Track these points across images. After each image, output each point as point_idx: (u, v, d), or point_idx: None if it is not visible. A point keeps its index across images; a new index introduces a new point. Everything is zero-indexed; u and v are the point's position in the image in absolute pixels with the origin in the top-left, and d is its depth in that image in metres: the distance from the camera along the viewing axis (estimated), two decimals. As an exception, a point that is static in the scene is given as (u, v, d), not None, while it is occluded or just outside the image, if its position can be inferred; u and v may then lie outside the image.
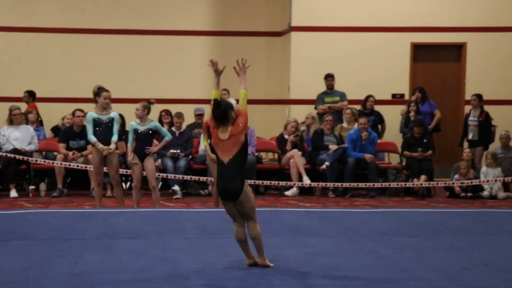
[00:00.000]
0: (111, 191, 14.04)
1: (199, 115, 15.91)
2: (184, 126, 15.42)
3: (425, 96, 16.37)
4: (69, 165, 14.12)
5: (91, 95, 14.42)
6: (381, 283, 6.74)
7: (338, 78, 16.60)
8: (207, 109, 16.68)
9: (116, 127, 12.05)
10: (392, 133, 16.64)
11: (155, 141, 12.81)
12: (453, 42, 17.64)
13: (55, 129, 15.93)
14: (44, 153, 15.39)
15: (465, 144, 16.22)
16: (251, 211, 7.32)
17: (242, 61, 7.53)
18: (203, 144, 15.01)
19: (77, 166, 14.07)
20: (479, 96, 16.10)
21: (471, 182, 14.70)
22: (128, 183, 14.85)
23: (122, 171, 13.52)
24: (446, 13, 17.49)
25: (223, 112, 7.26)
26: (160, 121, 15.17)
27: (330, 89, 16.59)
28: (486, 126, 16.06)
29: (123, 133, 13.95)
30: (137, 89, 17.50)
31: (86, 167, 13.99)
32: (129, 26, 17.92)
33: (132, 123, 12.11)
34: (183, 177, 14.45)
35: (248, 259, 7.48)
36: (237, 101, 7.99)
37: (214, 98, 7.44)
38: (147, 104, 12.11)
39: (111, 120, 12.03)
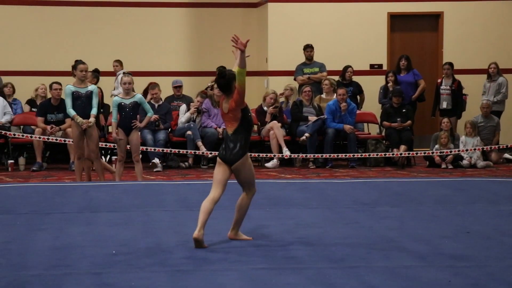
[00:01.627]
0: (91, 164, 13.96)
1: (177, 87, 15.88)
2: (162, 99, 15.36)
3: (410, 65, 16.36)
4: (48, 139, 14.04)
5: (64, 69, 14.25)
6: (363, 253, 6.76)
7: (316, 49, 16.56)
8: (185, 81, 16.66)
9: (95, 100, 11.96)
10: (371, 104, 16.65)
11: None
12: (430, 11, 17.64)
13: (30, 102, 15.82)
14: (22, 127, 15.30)
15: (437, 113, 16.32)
16: (246, 182, 7.33)
17: (236, 38, 7.46)
18: (183, 117, 15.04)
19: (56, 140, 13.99)
20: (451, 65, 16.14)
21: (451, 152, 14.76)
22: (108, 157, 14.82)
23: (101, 144, 13.48)
24: (422, -18, 17.49)
25: (226, 82, 7.28)
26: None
27: (310, 60, 16.54)
28: (458, 95, 16.13)
29: (102, 107, 13.87)
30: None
31: (65, 140, 13.92)
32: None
33: (116, 98, 12.04)
34: (163, 150, 14.42)
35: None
36: None
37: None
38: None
39: (90, 94, 11.93)
